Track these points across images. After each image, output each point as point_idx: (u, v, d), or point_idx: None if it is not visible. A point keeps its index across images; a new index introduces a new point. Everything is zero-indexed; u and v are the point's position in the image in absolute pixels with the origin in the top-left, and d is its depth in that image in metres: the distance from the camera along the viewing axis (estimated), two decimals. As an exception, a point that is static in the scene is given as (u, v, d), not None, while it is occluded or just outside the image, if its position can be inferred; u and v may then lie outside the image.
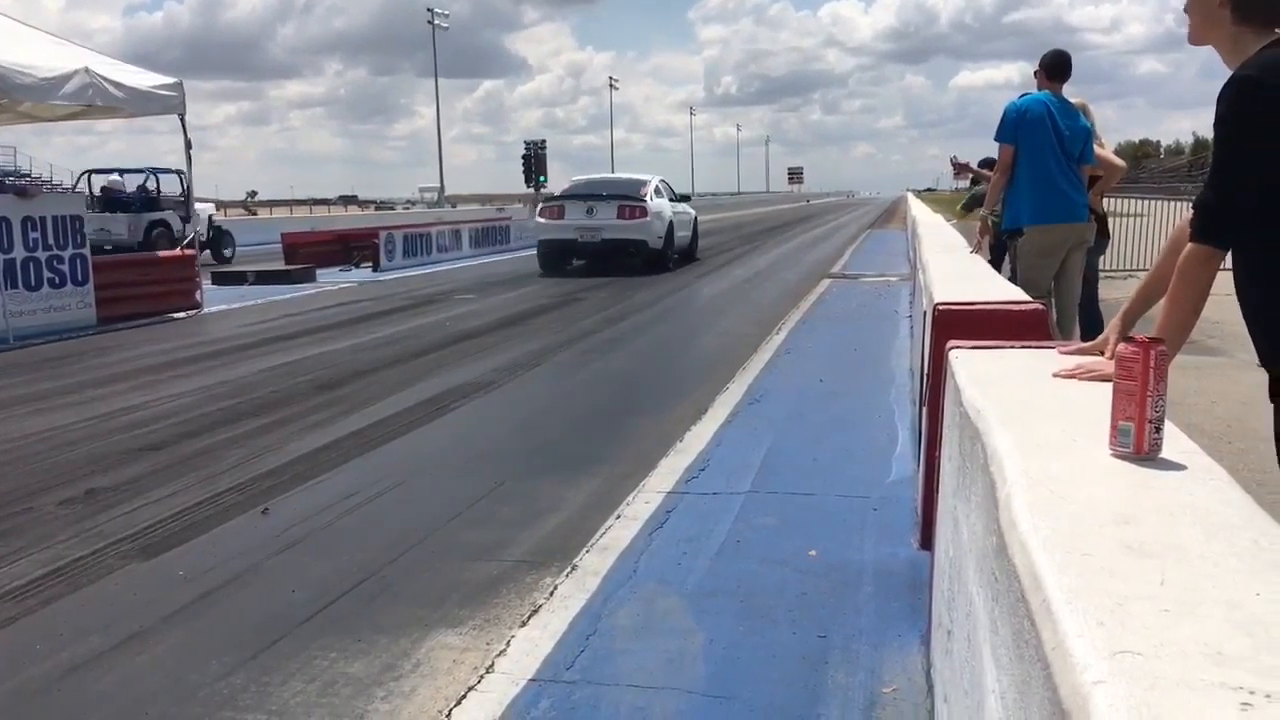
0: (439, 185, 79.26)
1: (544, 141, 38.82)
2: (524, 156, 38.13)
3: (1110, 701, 0.91)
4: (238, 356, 9.71)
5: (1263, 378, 6.99)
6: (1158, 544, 1.32)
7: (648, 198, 18.24)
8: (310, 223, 35.63)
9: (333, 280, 18.00)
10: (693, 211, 21.35)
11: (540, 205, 20.20)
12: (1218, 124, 2.35)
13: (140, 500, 5.03)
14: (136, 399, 7.60)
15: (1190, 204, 2.73)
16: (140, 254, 14.68)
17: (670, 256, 18.77)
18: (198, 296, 13.75)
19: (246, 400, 7.47)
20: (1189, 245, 2.37)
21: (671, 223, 18.75)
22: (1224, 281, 2.51)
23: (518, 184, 40.90)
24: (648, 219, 17.82)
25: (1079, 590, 1.16)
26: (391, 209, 75.80)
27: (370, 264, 20.10)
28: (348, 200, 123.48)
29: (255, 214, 65.45)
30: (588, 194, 18.48)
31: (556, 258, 18.25)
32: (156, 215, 21.61)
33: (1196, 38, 2.54)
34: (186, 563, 4.22)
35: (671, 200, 19.52)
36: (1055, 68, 6.41)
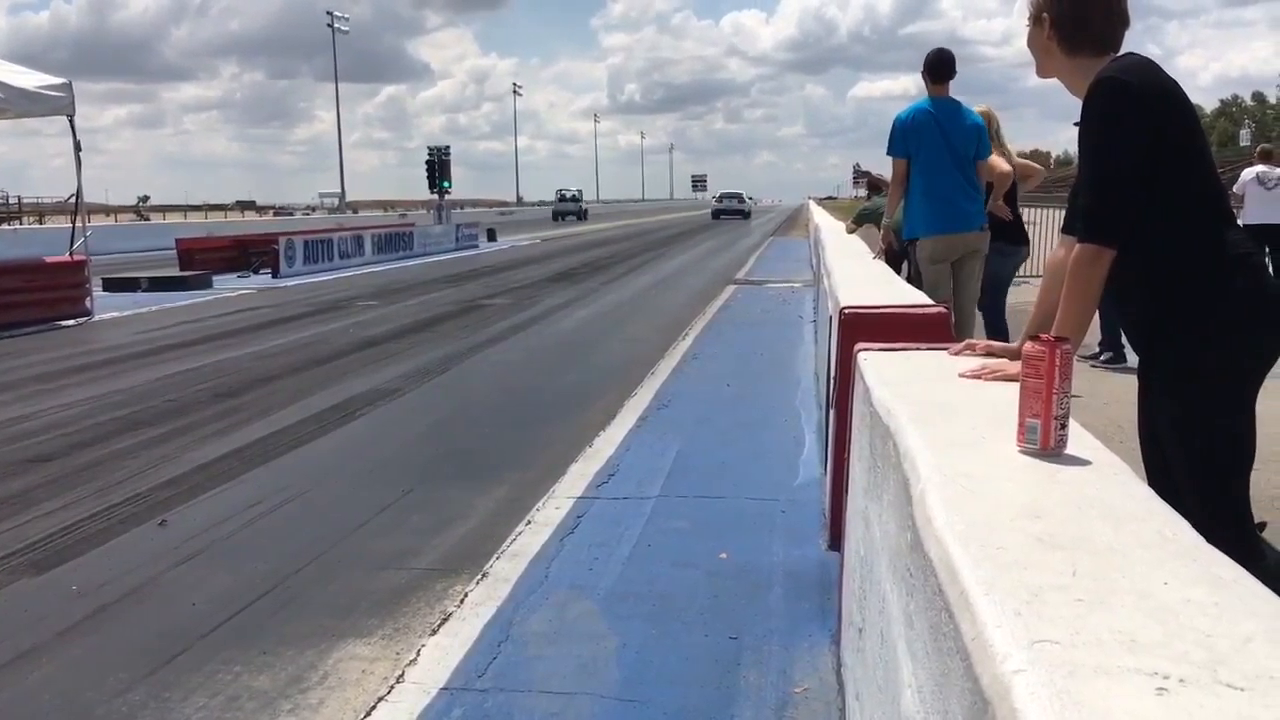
0: (340, 191, 78.13)
1: (447, 147, 38.28)
2: (427, 162, 37.55)
3: (1031, 690, 0.92)
4: (131, 365, 9.43)
5: (1151, 380, 7.04)
6: (1067, 536, 1.35)
7: (745, 197, 72.49)
8: (206, 228, 34.81)
9: (230, 287, 17.61)
10: (754, 201, 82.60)
11: (714, 197, 73.88)
12: (1089, 126, 2.45)
13: (30, 513, 4.85)
14: (23, 409, 7.33)
15: (1064, 210, 2.83)
16: (27, 259, 14.14)
17: (749, 215, 65.57)
18: (88, 304, 13.33)
19: (141, 409, 7.25)
20: (1077, 246, 2.44)
21: (749, 204, 72.08)
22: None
23: (420, 190, 40.40)
24: (745, 204, 69.20)
25: (995, 582, 1.17)
26: (291, 215, 74.56)
27: (269, 270, 19.70)
28: (245, 206, 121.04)
29: (147, 219, 63.73)
30: (728, 195, 70.43)
31: (718, 214, 62.79)
32: (581, 206, 64.33)
33: (1042, 72, 2.68)
34: (80, 577, 4.08)
35: (748, 198, 74.42)
36: (937, 69, 6.39)
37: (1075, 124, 2.57)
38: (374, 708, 2.93)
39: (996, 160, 6.90)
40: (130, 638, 3.53)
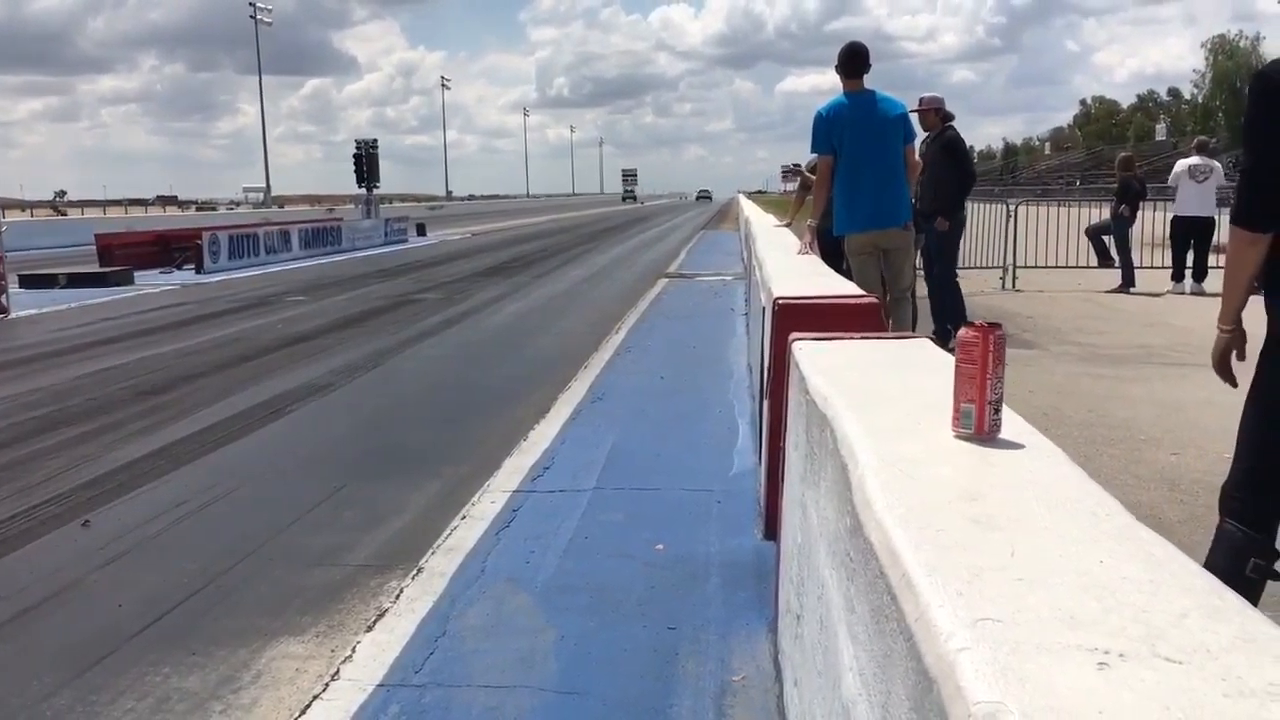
0: (265, 185, 76.92)
1: (375, 141, 37.67)
2: (355, 156, 36.86)
3: (976, 666, 0.93)
4: (50, 363, 9.19)
5: (1073, 369, 7.45)
6: (1004, 518, 1.37)
7: (710, 190, 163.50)
8: (126, 223, 34.04)
9: (153, 283, 17.26)
10: (712, 191, 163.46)
11: (696, 191, 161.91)
12: (1244, 116, 2.65)
13: (-54, 516, 4.70)
14: (-62, 409, 7.10)
15: (1005, 205, 3.00)
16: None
17: (711, 199, 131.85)
18: (3, 301, 12.98)
19: (61, 408, 7.07)
20: (1232, 229, 2.70)
21: (710, 194, 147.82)
22: (1044, 281, 2.69)
23: (348, 185, 39.74)
24: (711, 193, 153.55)
25: (936, 564, 1.19)
26: (214, 210, 73.34)
27: (193, 266, 19.31)
28: (166, 200, 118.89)
29: (64, 214, 62.28)
30: (703, 190, 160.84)
31: (698, 198, 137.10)
32: (636, 194, 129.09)
33: None
34: (0, 579, 3.96)
35: (710, 192, 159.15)
36: (849, 64, 6.37)
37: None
38: (309, 706, 2.89)
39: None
40: (54, 641, 3.44)
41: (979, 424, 1.77)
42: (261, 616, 3.56)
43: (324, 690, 2.98)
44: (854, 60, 6.39)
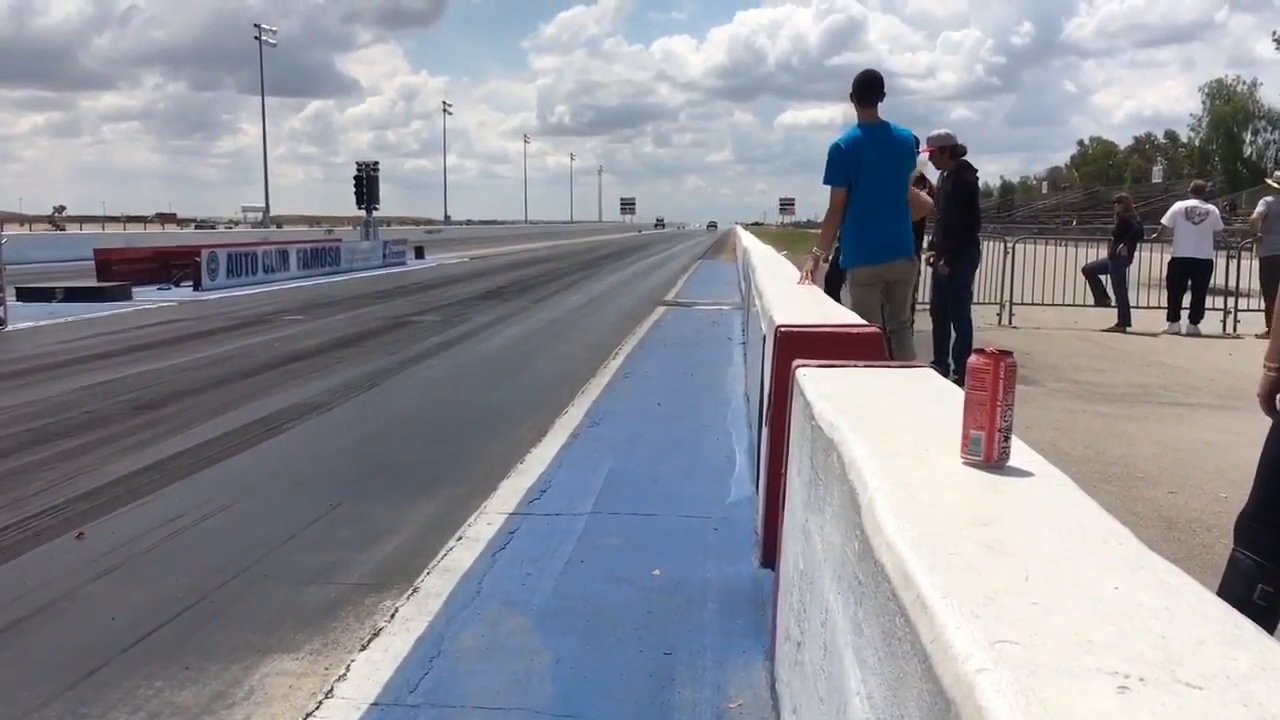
0: (264, 205, 77.03)
1: (377, 163, 37.78)
2: (356, 178, 36.97)
3: (996, 688, 0.93)
4: (47, 375, 9.17)
5: (1069, 405, 7.47)
6: (1017, 544, 1.36)
7: (717, 221, 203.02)
8: (125, 239, 34.07)
9: (150, 299, 17.25)
10: (718, 224, 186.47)
11: (707, 222, 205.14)
12: None
13: (-61, 525, 4.67)
14: (-67, 418, 7.07)
15: (1003, 242, 3.04)
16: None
17: (716, 227, 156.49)
18: (1, 312, 12.95)
19: (58, 421, 7.05)
20: None
21: (716, 224, 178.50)
22: (1041, 318, 2.69)
23: (347, 206, 39.82)
24: (717, 224, 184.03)
25: (950, 587, 1.18)
26: (212, 228, 73.52)
27: (191, 283, 19.30)
28: (165, 218, 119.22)
29: (63, 229, 62.32)
30: (711, 220, 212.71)
31: (708, 229, 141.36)
32: (665, 223, 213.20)
33: None
34: (-8, 591, 3.94)
35: (716, 223, 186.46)
36: (865, 91, 6.29)
37: None
38: (303, 723, 2.87)
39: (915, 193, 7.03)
40: (46, 653, 3.41)
41: (988, 451, 1.77)
42: (255, 633, 3.53)
43: (317, 708, 2.95)
44: (869, 89, 6.29)
